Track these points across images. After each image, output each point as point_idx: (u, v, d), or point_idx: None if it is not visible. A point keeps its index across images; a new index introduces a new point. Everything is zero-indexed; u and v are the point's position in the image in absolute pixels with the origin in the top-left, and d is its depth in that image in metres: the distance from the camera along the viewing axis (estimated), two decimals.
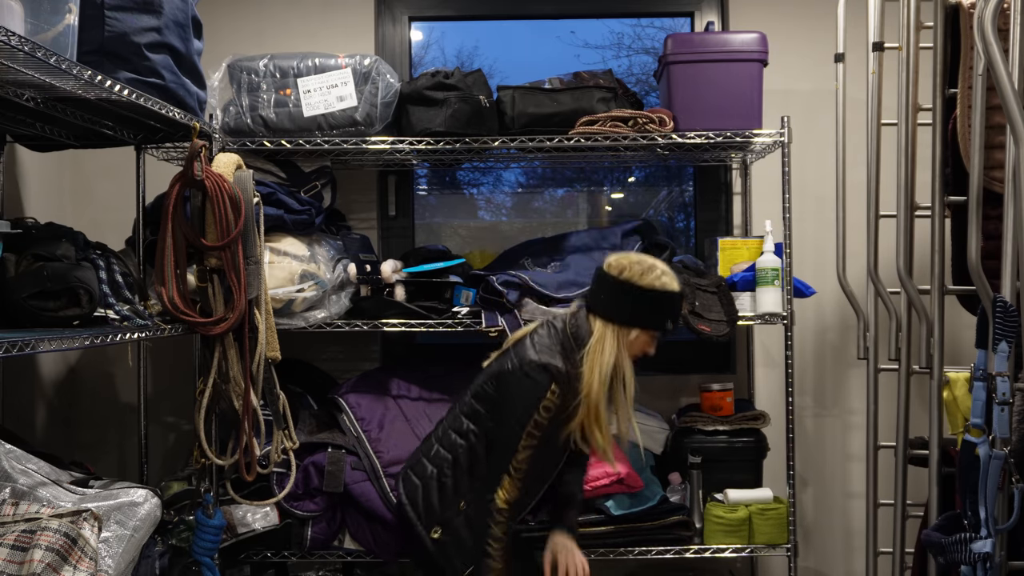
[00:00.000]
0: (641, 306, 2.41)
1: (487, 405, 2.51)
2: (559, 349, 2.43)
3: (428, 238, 3.59)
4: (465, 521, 2.50)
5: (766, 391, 3.41)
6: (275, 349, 2.57)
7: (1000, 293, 2.25)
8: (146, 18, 2.23)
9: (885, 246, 2.95)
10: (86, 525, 1.93)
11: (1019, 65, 2.24)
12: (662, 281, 2.41)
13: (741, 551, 2.95)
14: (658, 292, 2.40)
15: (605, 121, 2.94)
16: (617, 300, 2.42)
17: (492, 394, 2.50)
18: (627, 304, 2.41)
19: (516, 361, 2.44)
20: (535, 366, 2.39)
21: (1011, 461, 2.13)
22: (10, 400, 2.86)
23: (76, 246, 2.19)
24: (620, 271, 2.42)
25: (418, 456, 2.64)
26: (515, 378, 2.42)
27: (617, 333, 2.43)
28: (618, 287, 2.41)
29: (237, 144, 2.90)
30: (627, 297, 2.40)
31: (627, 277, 2.40)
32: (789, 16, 3.43)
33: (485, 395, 2.52)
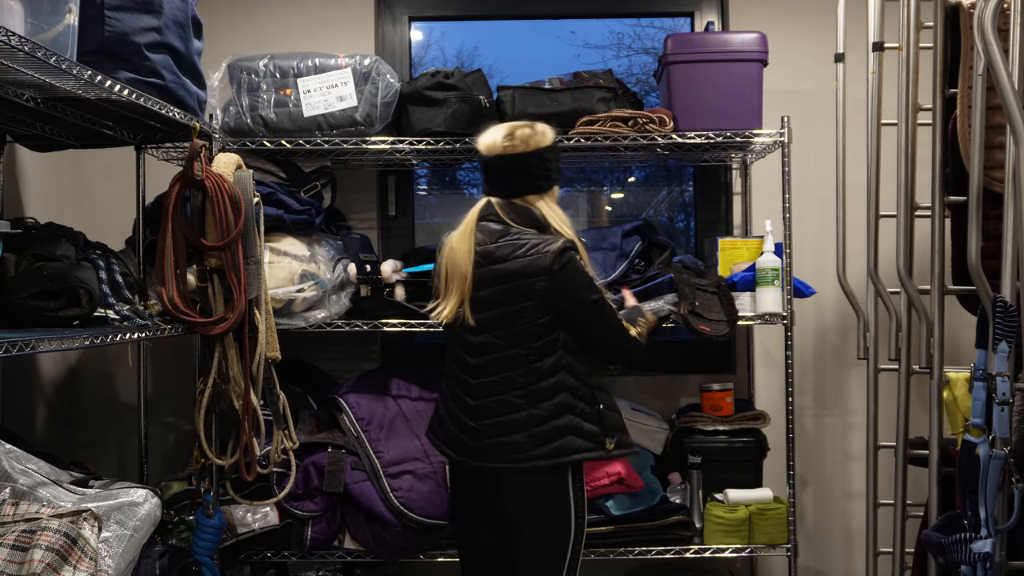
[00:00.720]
0: (557, 161, 2.50)
1: (549, 328, 2.35)
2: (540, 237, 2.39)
3: (428, 238, 3.59)
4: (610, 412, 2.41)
5: (766, 391, 3.41)
6: (275, 349, 2.57)
7: (1000, 293, 2.24)
8: (146, 18, 2.23)
9: (885, 246, 2.94)
10: (86, 525, 1.93)
11: (1019, 65, 2.24)
12: (552, 132, 2.47)
13: (741, 551, 2.95)
14: (557, 140, 2.49)
15: (605, 121, 2.94)
16: (545, 169, 2.44)
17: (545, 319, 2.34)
18: (550, 167, 2.45)
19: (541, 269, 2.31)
20: (561, 251, 2.33)
21: (1011, 461, 2.13)
22: (10, 400, 2.86)
23: (76, 246, 2.19)
24: (528, 145, 2.41)
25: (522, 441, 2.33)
26: (561, 276, 2.32)
27: (552, 195, 2.48)
28: (538, 158, 2.42)
29: (237, 144, 2.90)
30: (548, 162, 2.44)
31: (537, 144, 2.42)
32: (789, 16, 3.43)
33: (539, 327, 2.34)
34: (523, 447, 2.32)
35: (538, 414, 2.33)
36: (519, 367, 2.35)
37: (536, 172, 2.43)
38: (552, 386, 2.34)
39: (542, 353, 2.35)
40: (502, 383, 2.36)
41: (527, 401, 2.34)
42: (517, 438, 2.33)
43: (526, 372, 2.35)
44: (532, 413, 2.33)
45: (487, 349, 2.38)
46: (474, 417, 2.38)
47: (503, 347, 2.36)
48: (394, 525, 2.80)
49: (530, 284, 2.33)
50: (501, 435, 2.34)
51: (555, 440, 2.33)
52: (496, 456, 2.35)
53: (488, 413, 2.36)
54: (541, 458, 2.32)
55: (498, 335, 2.37)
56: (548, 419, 2.33)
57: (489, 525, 2.46)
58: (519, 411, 2.34)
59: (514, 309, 2.35)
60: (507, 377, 2.35)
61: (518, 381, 2.35)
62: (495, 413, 2.35)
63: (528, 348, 2.35)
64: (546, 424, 2.33)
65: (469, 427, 2.39)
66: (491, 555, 2.48)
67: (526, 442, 2.32)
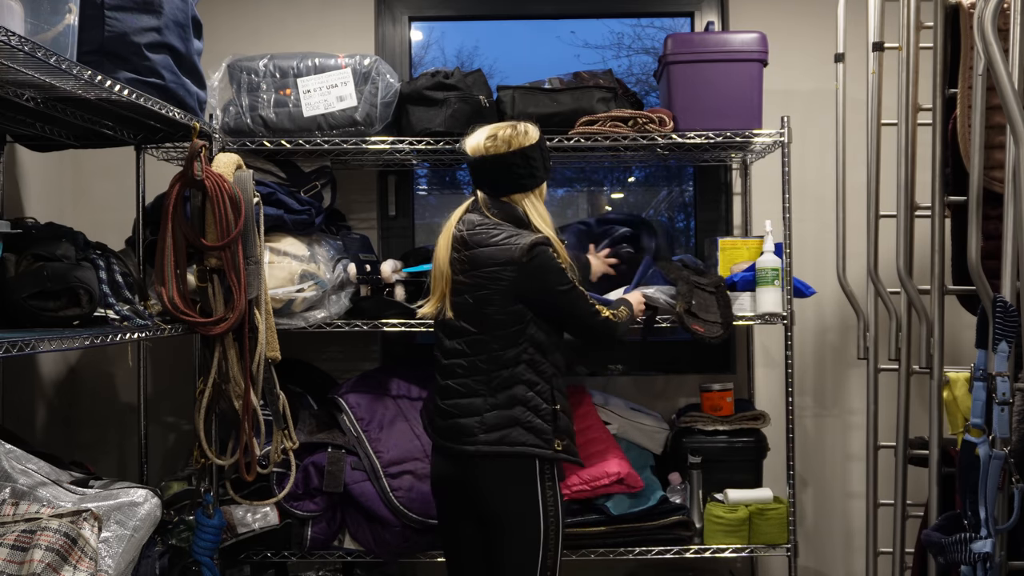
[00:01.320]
0: (543, 160, 2.50)
1: (515, 318, 2.38)
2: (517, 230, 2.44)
3: (428, 238, 3.58)
4: (564, 416, 2.44)
5: (766, 391, 3.41)
6: (275, 349, 2.57)
7: (1000, 293, 2.24)
8: (146, 18, 2.23)
9: (885, 246, 2.94)
10: (86, 525, 1.93)
11: (1019, 65, 2.24)
12: (537, 130, 2.50)
13: (741, 551, 2.95)
14: (543, 138, 2.50)
15: (605, 121, 2.94)
16: (529, 169, 2.46)
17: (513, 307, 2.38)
18: (534, 167, 2.47)
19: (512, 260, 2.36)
20: (534, 244, 2.37)
21: (1011, 461, 2.13)
22: (10, 400, 2.86)
23: (76, 246, 2.19)
24: (510, 145, 2.44)
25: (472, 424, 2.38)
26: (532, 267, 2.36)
27: (538, 193, 2.51)
28: (521, 157, 2.45)
29: (237, 144, 2.90)
30: (532, 160, 2.46)
31: (520, 144, 2.45)
32: (789, 16, 3.43)
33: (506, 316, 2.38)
34: (473, 431, 2.38)
35: (492, 401, 2.39)
36: (483, 353, 2.41)
37: (519, 171, 2.46)
38: (510, 377, 2.39)
39: (505, 343, 2.40)
40: (467, 367, 2.42)
41: (485, 387, 2.40)
42: (469, 421, 2.39)
43: (488, 359, 2.40)
44: (487, 400, 2.40)
45: (459, 333, 2.44)
46: (443, 397, 2.46)
47: (472, 332, 2.42)
48: (394, 525, 2.80)
49: (498, 272, 2.38)
50: (458, 416, 2.41)
51: (501, 429, 2.38)
52: (454, 437, 2.41)
53: (452, 394, 2.44)
54: (484, 444, 2.37)
55: (469, 321, 2.43)
56: (499, 408, 2.39)
57: (470, 522, 2.47)
58: (476, 396, 2.40)
59: (483, 296, 2.40)
60: (472, 362, 2.42)
61: (480, 367, 2.41)
62: (457, 395, 2.43)
63: (492, 336, 2.40)
64: (495, 412, 2.38)
65: (439, 407, 2.47)
66: (474, 553, 2.49)
67: (476, 426, 2.38)
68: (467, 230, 2.46)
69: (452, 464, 2.45)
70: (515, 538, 2.39)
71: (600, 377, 3.45)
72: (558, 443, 2.41)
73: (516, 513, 2.38)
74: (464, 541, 2.50)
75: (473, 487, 2.41)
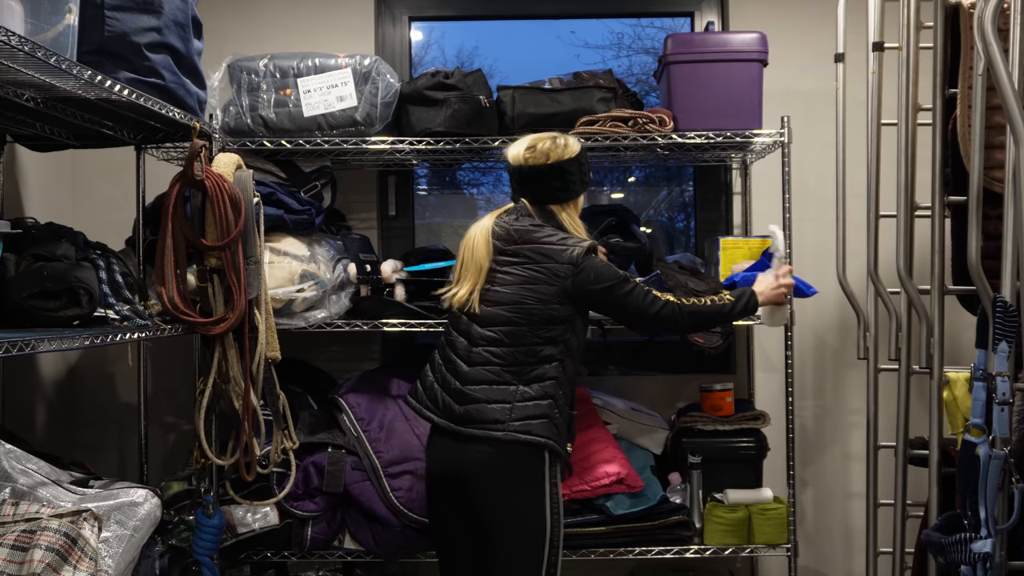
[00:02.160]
0: (580, 173, 2.55)
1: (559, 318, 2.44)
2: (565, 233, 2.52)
3: (428, 238, 3.59)
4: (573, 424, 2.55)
5: (766, 391, 3.41)
6: (275, 349, 2.57)
7: (1000, 293, 2.24)
8: (146, 18, 2.23)
9: (885, 246, 2.94)
10: (86, 525, 1.93)
11: (1019, 65, 2.24)
12: (576, 142, 2.56)
13: (741, 551, 2.95)
14: (583, 151, 2.57)
15: (605, 121, 2.94)
16: (564, 182, 2.52)
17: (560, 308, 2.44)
18: (570, 179, 2.53)
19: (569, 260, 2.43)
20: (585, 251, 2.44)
21: (1011, 461, 2.13)
22: (10, 400, 2.86)
23: (76, 246, 2.19)
24: (548, 157, 2.50)
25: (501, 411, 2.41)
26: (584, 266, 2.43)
27: (574, 206, 2.58)
28: (558, 170, 2.50)
29: (237, 144, 2.90)
30: (568, 174, 2.52)
31: (558, 157, 2.50)
32: (789, 16, 3.43)
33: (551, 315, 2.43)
34: (501, 417, 2.40)
35: (525, 391, 2.42)
36: (522, 346, 2.43)
37: (555, 184, 2.52)
38: (544, 373, 2.44)
39: (547, 340, 2.44)
40: (504, 356, 2.44)
41: (518, 378, 2.43)
42: (498, 408, 2.41)
43: (528, 352, 2.44)
44: (520, 390, 2.42)
45: (496, 322, 2.46)
46: (465, 381, 2.45)
47: (513, 324, 2.44)
48: (394, 525, 2.80)
49: (555, 270, 2.44)
50: (484, 402, 2.42)
51: (533, 419, 2.41)
52: (477, 421, 2.42)
53: (480, 379, 2.44)
54: (515, 431, 2.39)
55: (512, 312, 2.44)
56: (532, 399, 2.42)
57: (465, 522, 2.47)
58: (508, 384, 2.43)
59: (532, 291, 2.44)
60: (510, 352, 2.44)
61: (518, 358, 2.43)
62: (486, 381, 2.43)
63: (535, 331, 2.44)
64: (529, 402, 2.42)
65: (457, 390, 2.46)
66: (465, 555, 2.50)
67: (506, 414, 2.40)
68: (514, 227, 2.50)
69: (457, 453, 2.44)
70: (518, 536, 2.40)
71: (600, 377, 3.45)
72: (569, 446, 2.51)
73: (521, 509, 2.40)
74: (456, 539, 2.51)
75: (479, 479, 2.41)
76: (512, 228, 2.51)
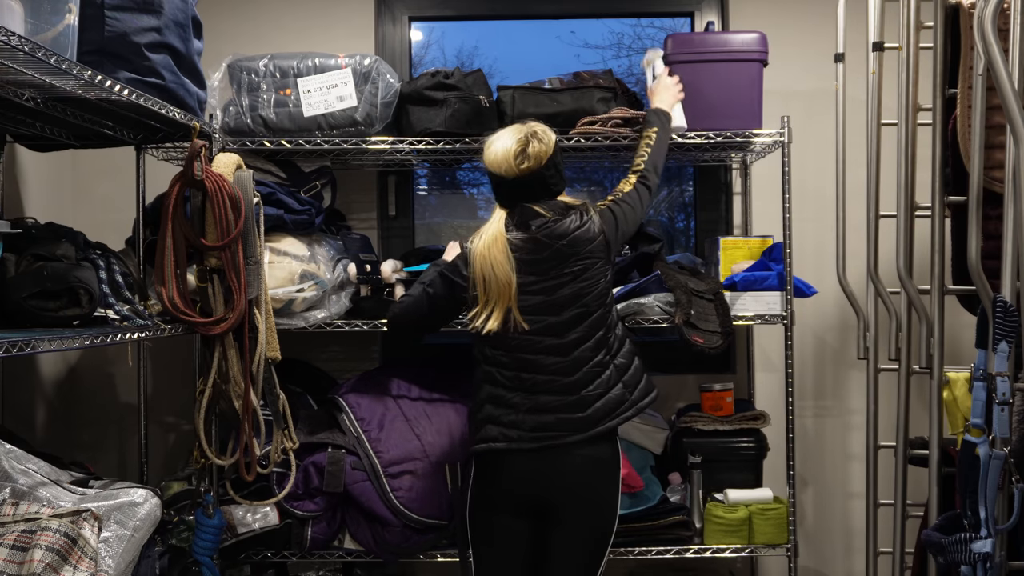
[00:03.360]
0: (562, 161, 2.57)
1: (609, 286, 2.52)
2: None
3: (428, 238, 3.59)
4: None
5: (766, 391, 3.41)
6: (275, 349, 2.57)
7: (1000, 293, 2.24)
8: (146, 18, 2.23)
9: (885, 246, 2.95)
10: (86, 525, 1.93)
11: (1019, 65, 2.24)
12: (552, 134, 2.54)
13: (741, 551, 2.95)
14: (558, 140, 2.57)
15: (605, 121, 2.94)
16: (556, 172, 2.53)
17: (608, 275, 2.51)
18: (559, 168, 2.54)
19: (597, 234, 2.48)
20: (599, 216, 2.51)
21: (1011, 461, 2.13)
22: (10, 400, 2.86)
23: (76, 246, 2.19)
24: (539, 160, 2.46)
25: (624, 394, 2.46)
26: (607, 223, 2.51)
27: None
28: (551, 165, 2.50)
29: (237, 144, 2.90)
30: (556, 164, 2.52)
31: (547, 153, 2.48)
32: (789, 16, 3.43)
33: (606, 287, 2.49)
34: (624, 397, 2.47)
35: (621, 363, 2.48)
36: (600, 328, 2.47)
37: (552, 180, 2.52)
38: (620, 337, 2.51)
39: (610, 306, 2.52)
40: (595, 346, 2.46)
41: (609, 355, 2.48)
42: (616, 391, 2.45)
43: (606, 329, 2.48)
44: (616, 364, 2.48)
45: (575, 322, 2.44)
46: (578, 389, 2.44)
47: (587, 313, 2.45)
48: (394, 525, 2.80)
49: (594, 251, 2.46)
50: (606, 392, 2.44)
51: (640, 382, 2.51)
52: (608, 414, 2.44)
53: (592, 379, 2.44)
54: (637, 401, 2.48)
55: (583, 304, 2.44)
56: (629, 365, 2.49)
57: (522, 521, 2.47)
58: (607, 368, 2.46)
59: (587, 276, 2.45)
60: (596, 340, 2.46)
61: (601, 340, 2.47)
62: (596, 376, 2.45)
63: (604, 307, 2.48)
64: (630, 369, 2.49)
65: (574, 401, 2.43)
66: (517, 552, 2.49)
67: (625, 391, 2.46)
68: (539, 234, 2.45)
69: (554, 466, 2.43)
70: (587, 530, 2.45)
71: None
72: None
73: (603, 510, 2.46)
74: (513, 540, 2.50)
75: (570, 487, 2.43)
76: (533, 237, 2.44)
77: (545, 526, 2.47)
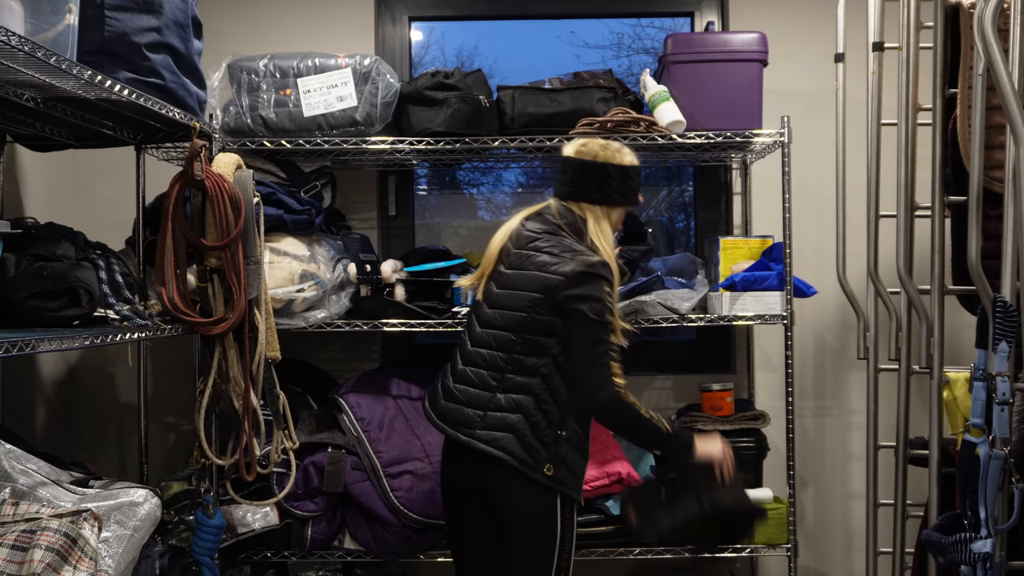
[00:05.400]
0: (622, 183, 2.48)
1: (547, 330, 2.34)
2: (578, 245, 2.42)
3: (428, 238, 3.59)
4: (570, 447, 2.37)
5: (766, 391, 3.41)
6: (275, 349, 2.57)
7: (1000, 293, 2.24)
8: (146, 18, 2.23)
9: (885, 246, 2.95)
10: (86, 525, 1.93)
11: (1019, 65, 2.24)
12: (632, 157, 2.50)
13: (741, 551, 2.95)
14: (635, 168, 2.50)
15: (605, 122, 2.94)
16: (601, 182, 2.46)
17: (547, 318, 2.33)
18: (610, 184, 2.47)
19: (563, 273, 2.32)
20: (593, 266, 2.33)
21: (1011, 461, 2.13)
22: (10, 400, 2.86)
23: (76, 246, 2.19)
24: (595, 155, 2.46)
25: (474, 416, 2.36)
26: (580, 285, 2.31)
27: (607, 213, 2.49)
28: (600, 169, 2.45)
29: (237, 144, 2.90)
30: (609, 178, 2.46)
31: (605, 158, 2.45)
32: (789, 16, 3.43)
33: (538, 323, 2.34)
34: (472, 422, 2.37)
35: (498, 401, 2.36)
36: (506, 352, 2.38)
37: (592, 182, 2.44)
38: (522, 384, 2.35)
39: (528, 349, 2.35)
40: (488, 359, 2.40)
41: (498, 384, 2.37)
42: (472, 412, 2.37)
43: (509, 360, 2.37)
44: (495, 398, 2.36)
45: (491, 324, 2.43)
46: (454, 379, 2.45)
47: (502, 328, 2.40)
48: (394, 525, 2.80)
49: (546, 280, 2.34)
50: (463, 404, 2.39)
51: (496, 430, 2.34)
52: (452, 421, 2.40)
53: (464, 380, 2.42)
54: (478, 440, 2.35)
55: (503, 314, 2.41)
56: (503, 409, 2.35)
57: (480, 516, 2.45)
58: (486, 390, 2.38)
59: (524, 295, 2.38)
60: (494, 356, 2.40)
61: (499, 364, 2.38)
62: (469, 383, 2.41)
63: (521, 338, 2.37)
64: (498, 413, 2.35)
65: (446, 386, 2.46)
66: (483, 552, 2.48)
67: (477, 419, 2.37)
68: (525, 231, 2.47)
69: (455, 453, 2.44)
70: (525, 537, 2.36)
71: None
72: (548, 468, 2.32)
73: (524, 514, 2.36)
74: (472, 539, 2.49)
75: (478, 479, 2.39)
76: (523, 232, 2.47)
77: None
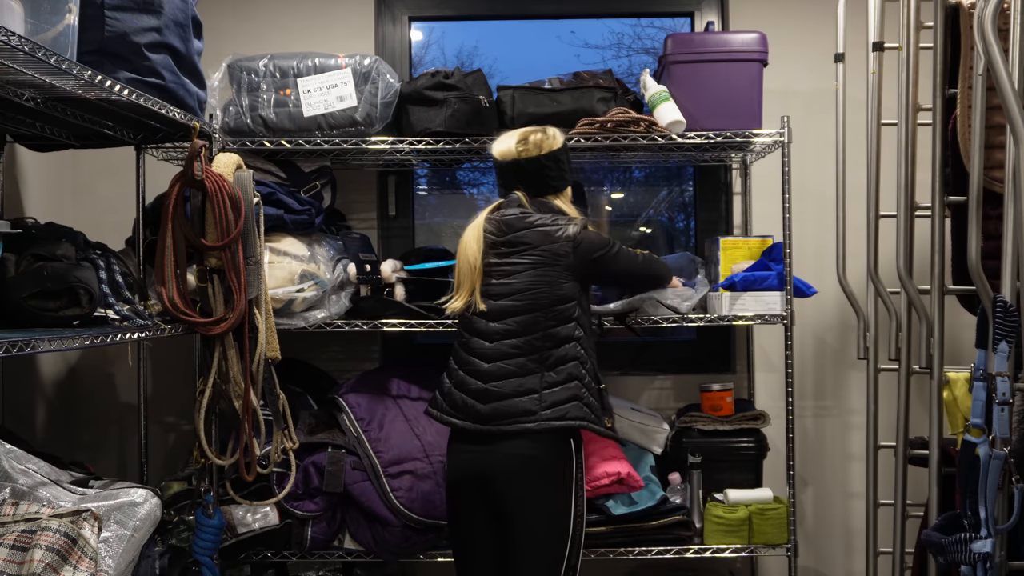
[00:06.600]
0: (569, 162, 2.59)
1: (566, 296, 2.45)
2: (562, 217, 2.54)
3: (428, 238, 3.59)
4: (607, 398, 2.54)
5: (766, 391, 3.41)
6: (275, 349, 2.57)
7: (1000, 293, 2.24)
8: (146, 18, 2.23)
9: (885, 246, 2.95)
10: (86, 525, 1.93)
11: (1019, 65, 2.24)
12: (562, 136, 2.58)
13: (741, 551, 2.95)
14: (566, 143, 2.60)
15: (605, 122, 2.94)
16: (557, 170, 2.54)
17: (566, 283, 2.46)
18: (561, 168, 2.56)
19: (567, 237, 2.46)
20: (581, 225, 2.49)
21: (1011, 461, 2.13)
22: (10, 400, 2.86)
23: (76, 246, 2.19)
24: (539, 148, 2.52)
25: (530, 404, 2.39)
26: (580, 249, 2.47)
27: (566, 195, 2.61)
28: (552, 158, 2.53)
29: (237, 144, 2.90)
30: (559, 162, 2.55)
31: (549, 147, 2.53)
32: (789, 16, 3.43)
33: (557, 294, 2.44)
34: (531, 409, 2.39)
35: (550, 378, 2.41)
36: (537, 332, 2.43)
37: (551, 174, 2.54)
38: (565, 354, 2.43)
39: (560, 320, 2.44)
40: (521, 346, 2.43)
41: (540, 365, 2.42)
42: (526, 400, 2.40)
43: (544, 337, 2.43)
44: (544, 377, 2.41)
45: (506, 314, 2.45)
46: (486, 379, 2.44)
47: (524, 310, 2.44)
48: (394, 525, 2.80)
49: (556, 250, 2.45)
50: (512, 396, 2.40)
51: (562, 404, 2.40)
52: (506, 417, 2.40)
53: (502, 375, 2.42)
54: (547, 419, 2.38)
55: (519, 299, 2.44)
56: (559, 383, 2.41)
57: (488, 523, 2.46)
58: (532, 374, 2.42)
59: (538, 275, 2.45)
60: (526, 341, 2.43)
61: (535, 345, 2.43)
62: (509, 375, 2.42)
63: (547, 314, 2.44)
64: (556, 387, 2.41)
65: (480, 390, 2.44)
66: (487, 554, 2.48)
67: (535, 404, 2.39)
68: (509, 218, 2.51)
69: (483, 455, 2.42)
70: (541, 537, 2.39)
71: None
72: (608, 421, 2.49)
73: (547, 511, 2.40)
74: (479, 541, 2.49)
75: (506, 478, 2.39)
76: (503, 220, 2.51)
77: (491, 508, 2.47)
